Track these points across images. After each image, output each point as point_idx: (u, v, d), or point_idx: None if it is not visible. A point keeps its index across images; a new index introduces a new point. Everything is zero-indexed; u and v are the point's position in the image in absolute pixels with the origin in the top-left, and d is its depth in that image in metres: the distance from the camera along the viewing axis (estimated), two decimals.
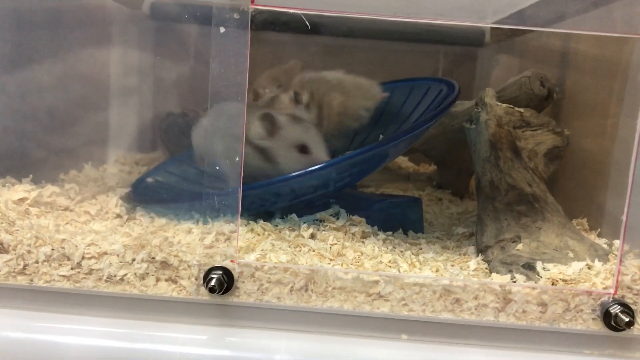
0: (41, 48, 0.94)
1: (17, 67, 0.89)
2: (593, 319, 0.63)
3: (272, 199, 0.76)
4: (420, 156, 1.22)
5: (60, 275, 0.64)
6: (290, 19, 0.98)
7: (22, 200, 0.73)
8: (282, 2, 0.62)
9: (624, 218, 0.62)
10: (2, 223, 0.66)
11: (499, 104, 0.85)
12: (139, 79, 1.18)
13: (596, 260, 0.67)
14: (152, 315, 0.64)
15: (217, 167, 0.63)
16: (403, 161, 1.25)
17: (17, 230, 0.66)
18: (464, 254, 0.76)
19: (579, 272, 0.65)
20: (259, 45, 0.67)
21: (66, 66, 1.01)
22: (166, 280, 0.64)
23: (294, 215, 0.76)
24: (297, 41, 1.17)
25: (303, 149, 0.80)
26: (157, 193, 0.88)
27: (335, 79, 0.96)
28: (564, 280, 0.64)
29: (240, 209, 0.63)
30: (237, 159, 0.62)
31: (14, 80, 0.89)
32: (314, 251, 0.69)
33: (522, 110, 0.87)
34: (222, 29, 0.60)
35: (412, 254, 0.72)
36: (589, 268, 0.66)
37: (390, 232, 0.78)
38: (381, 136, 0.94)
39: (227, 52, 0.60)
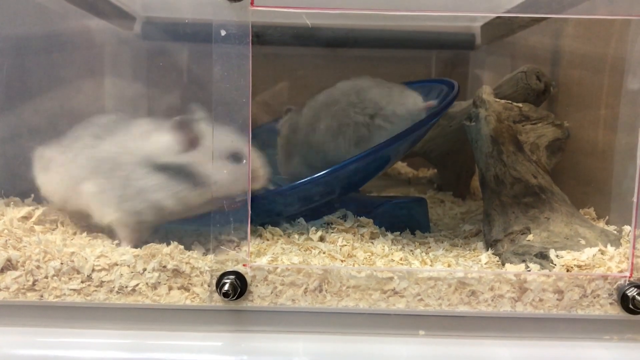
0: (34, 74, 0.93)
1: (15, 92, 0.89)
2: (610, 303, 0.63)
3: (278, 208, 0.76)
4: (419, 161, 1.22)
5: (71, 289, 0.63)
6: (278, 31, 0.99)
7: (27, 217, 0.73)
8: (282, 3, 0.62)
9: (635, 199, 0.62)
10: (9, 240, 0.65)
11: (497, 100, 0.86)
12: (133, 99, 1.17)
13: (608, 245, 0.67)
14: (166, 325, 0.63)
15: (225, 171, 0.63)
16: (402, 167, 1.25)
17: (25, 246, 0.65)
18: (474, 249, 0.76)
19: (592, 257, 0.65)
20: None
21: (62, 90, 1.01)
22: (178, 288, 0.63)
23: (301, 220, 0.76)
24: (289, 54, 1.17)
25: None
26: None
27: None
28: (579, 266, 0.63)
29: (250, 210, 0.62)
30: (244, 161, 0.62)
31: (11, 106, 0.89)
32: (324, 253, 0.68)
33: (520, 105, 0.87)
34: (222, 32, 0.60)
35: (422, 252, 0.72)
36: (602, 253, 0.66)
37: (397, 233, 0.78)
38: None
39: (229, 55, 0.60)
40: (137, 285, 0.63)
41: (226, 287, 0.61)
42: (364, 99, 0.86)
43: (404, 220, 0.82)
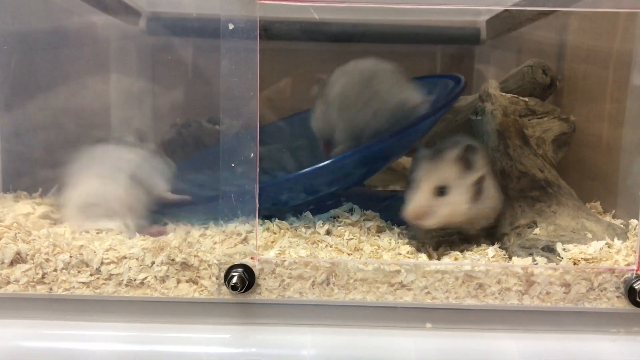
0: (39, 70, 0.93)
1: (21, 90, 0.89)
2: (617, 296, 0.63)
3: (285, 196, 0.76)
4: None
5: (80, 282, 0.63)
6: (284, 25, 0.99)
7: (34, 212, 0.73)
8: None
9: None
10: (18, 233, 0.65)
11: (503, 94, 0.86)
12: (138, 93, 1.18)
13: (615, 239, 0.67)
14: (174, 318, 0.64)
15: (233, 165, 0.63)
16: (407, 162, 1.25)
17: (34, 239, 0.65)
18: (480, 244, 0.76)
19: (599, 250, 0.65)
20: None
21: (68, 86, 1.01)
22: (187, 281, 0.64)
23: (308, 213, 0.76)
24: (294, 49, 1.17)
25: None
26: None
27: None
28: (586, 260, 0.64)
29: (258, 205, 0.63)
30: (252, 155, 0.62)
31: (18, 102, 0.89)
32: (331, 246, 0.68)
33: (526, 99, 0.87)
34: (230, 26, 0.60)
35: (429, 245, 0.72)
36: (609, 247, 0.66)
37: (403, 226, 0.78)
38: None
39: (237, 49, 0.60)
40: (145, 278, 0.63)
41: (234, 280, 0.61)
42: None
43: None
